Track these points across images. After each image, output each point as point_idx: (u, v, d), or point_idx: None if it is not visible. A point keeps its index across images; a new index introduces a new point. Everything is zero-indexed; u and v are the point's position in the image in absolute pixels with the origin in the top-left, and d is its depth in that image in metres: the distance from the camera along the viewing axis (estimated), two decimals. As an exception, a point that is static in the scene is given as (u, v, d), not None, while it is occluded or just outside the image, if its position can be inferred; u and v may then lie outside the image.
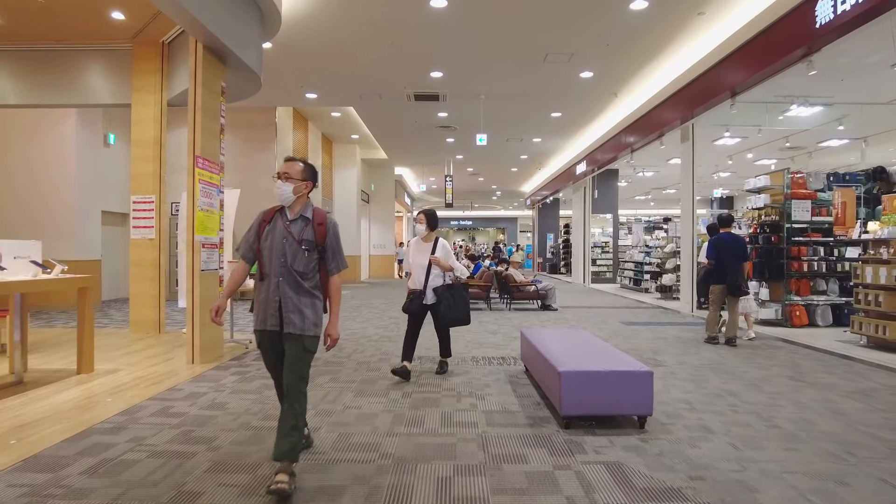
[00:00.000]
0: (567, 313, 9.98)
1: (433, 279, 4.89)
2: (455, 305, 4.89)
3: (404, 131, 14.90)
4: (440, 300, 4.87)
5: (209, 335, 5.74)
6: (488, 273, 10.53)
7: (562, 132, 14.92)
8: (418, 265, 4.94)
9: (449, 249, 5.05)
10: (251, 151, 12.66)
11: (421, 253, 4.95)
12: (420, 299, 4.91)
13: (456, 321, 4.96)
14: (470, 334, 7.40)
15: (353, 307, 10.71)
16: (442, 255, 4.92)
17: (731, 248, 6.75)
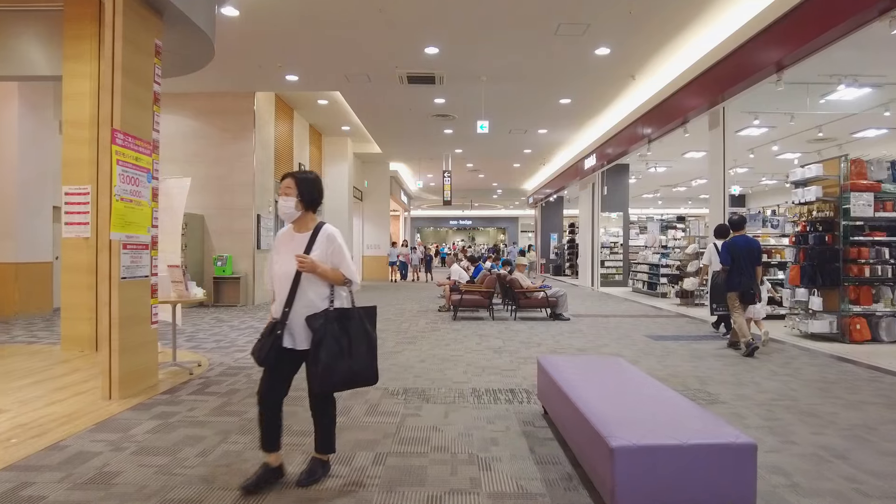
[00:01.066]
0: (581, 324, 8.70)
1: (305, 301, 2.69)
2: (349, 352, 2.65)
3: (398, 121, 13.62)
4: (320, 342, 2.60)
5: (135, 361, 4.47)
6: (490, 277, 9.25)
7: (570, 122, 13.65)
8: (282, 275, 2.74)
9: (341, 245, 2.80)
10: (226, 142, 11.39)
11: (288, 252, 2.75)
12: (277, 339, 2.67)
13: (349, 380, 2.70)
14: (470, 354, 6.12)
15: (336, 316, 9.42)
16: (326, 255, 2.73)
17: (746, 252, 6.33)
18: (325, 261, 2.72)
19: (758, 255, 6.41)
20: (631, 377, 3.48)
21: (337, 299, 2.76)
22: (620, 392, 3.14)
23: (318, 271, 2.67)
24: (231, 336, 7.24)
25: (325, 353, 2.58)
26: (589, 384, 3.27)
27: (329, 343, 2.60)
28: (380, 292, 14.62)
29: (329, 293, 2.73)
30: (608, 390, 3.16)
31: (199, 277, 11.15)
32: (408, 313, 9.90)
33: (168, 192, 6.04)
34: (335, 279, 2.74)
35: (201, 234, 11.29)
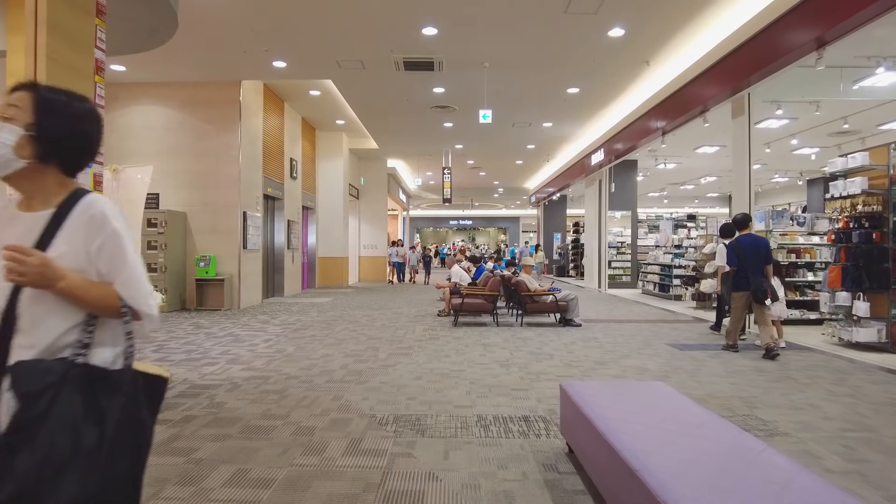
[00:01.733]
0: (594, 330, 7.92)
1: (31, 338, 1.34)
2: (91, 460, 1.27)
3: (395, 113, 12.85)
4: (30, 426, 1.24)
5: None
6: (494, 279, 8.47)
7: (577, 114, 12.87)
8: None
9: (119, 237, 1.40)
10: (210, 134, 10.61)
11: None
12: None
13: None
14: (473, 369, 5.34)
15: (326, 322, 8.65)
16: (83, 254, 1.38)
17: (753, 252, 6.15)
18: (80, 266, 1.37)
19: (766, 254, 6.16)
20: (681, 410, 2.70)
21: (98, 346, 1.39)
22: (673, 432, 2.37)
23: (59, 287, 1.31)
24: (205, 346, 6.46)
25: (37, 453, 1.22)
26: (631, 421, 2.49)
27: (53, 434, 1.24)
28: (376, 294, 13.84)
29: (82, 330, 1.37)
30: (658, 430, 2.38)
31: (181, 279, 10.38)
32: (404, 318, 9.13)
33: (128, 182, 5.26)
34: (100, 304, 1.37)
35: (183, 233, 10.51)
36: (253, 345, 6.53)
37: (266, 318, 8.99)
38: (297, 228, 13.95)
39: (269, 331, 7.64)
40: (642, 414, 2.62)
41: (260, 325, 8.15)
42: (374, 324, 8.42)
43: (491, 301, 8.18)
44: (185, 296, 10.49)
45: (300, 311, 10.14)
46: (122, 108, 10.63)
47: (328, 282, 16.09)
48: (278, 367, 5.30)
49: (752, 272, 6.09)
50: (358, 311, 10.22)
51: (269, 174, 12.14)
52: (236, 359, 5.71)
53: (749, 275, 6.10)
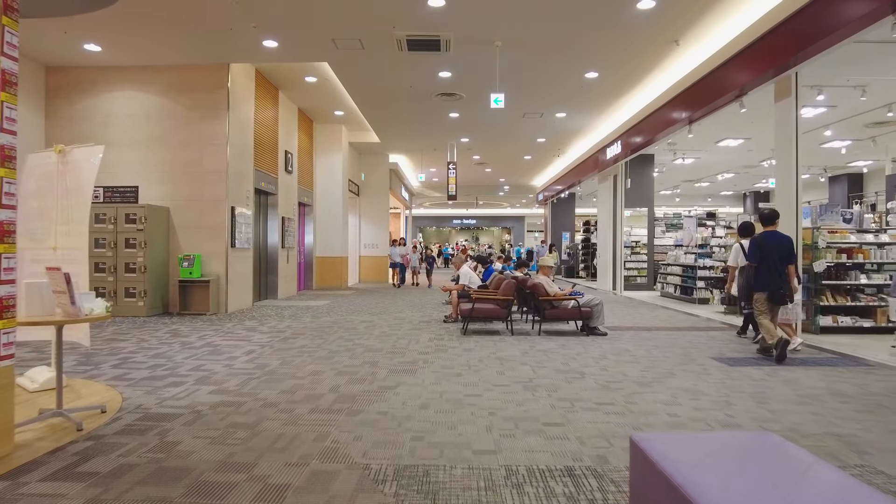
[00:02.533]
0: (623, 340, 7.00)
1: None
2: None
3: (397, 102, 11.93)
4: None
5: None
6: (508, 281, 7.53)
7: (594, 102, 11.93)
8: None
9: None
10: (195, 122, 9.71)
11: None
12: None
13: None
14: (492, 392, 4.41)
15: (320, 329, 7.74)
16: None
17: (776, 250, 5.86)
18: None
19: (789, 253, 5.90)
20: (817, 481, 1.77)
21: None
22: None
23: None
24: (176, 360, 5.54)
25: None
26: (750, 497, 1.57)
27: None
28: (377, 297, 12.92)
29: None
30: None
31: (163, 280, 9.48)
32: (407, 325, 8.21)
33: (76, 166, 4.35)
34: None
35: (165, 230, 9.61)
36: (232, 358, 5.62)
37: (253, 325, 8.08)
38: (292, 226, 13.05)
39: (255, 340, 6.73)
40: (768, 489, 1.70)
41: (245, 333, 7.24)
42: (373, 331, 7.50)
43: (505, 306, 7.25)
44: (167, 298, 9.59)
45: (293, 315, 9.23)
46: (99, 93, 9.74)
47: (326, 283, 15.19)
48: (255, 390, 4.39)
49: (775, 271, 5.81)
50: (356, 315, 9.30)
51: (261, 167, 11.24)
52: (207, 377, 4.79)
53: (771, 274, 5.81)
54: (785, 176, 7.59)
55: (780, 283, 5.80)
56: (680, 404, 4.11)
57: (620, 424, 3.59)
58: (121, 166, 9.65)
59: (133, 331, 7.45)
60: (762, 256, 5.88)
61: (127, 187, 9.60)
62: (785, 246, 5.88)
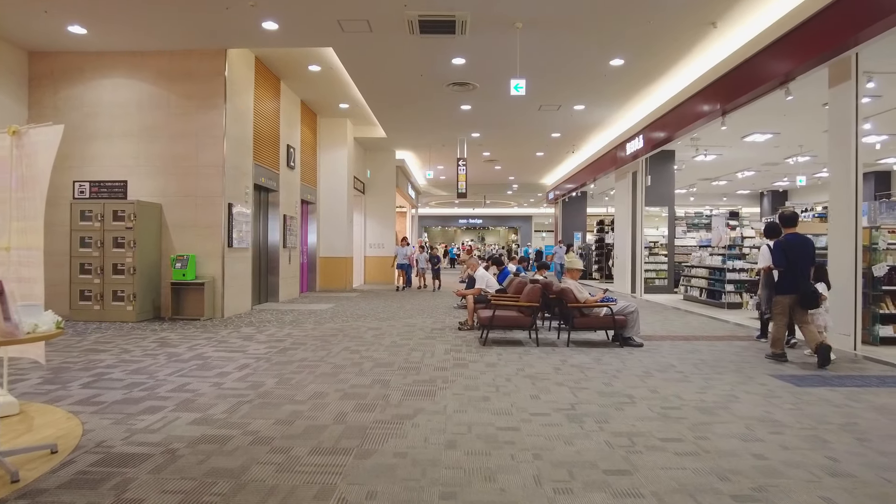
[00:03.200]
0: (662, 352, 6.25)
1: None
2: None
3: (406, 92, 11.20)
4: None
5: None
6: (532, 286, 6.77)
7: (616, 93, 11.16)
8: None
9: None
10: (190, 112, 9.00)
11: None
12: None
13: None
14: (530, 425, 3.67)
15: (323, 338, 7.02)
16: None
17: (802, 252, 5.76)
18: None
19: (813, 255, 5.81)
20: None
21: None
22: None
23: None
24: (159, 376, 4.82)
25: None
26: None
27: None
28: (383, 300, 12.19)
29: None
30: None
31: (154, 283, 8.78)
32: (419, 333, 7.48)
33: (32, 150, 3.64)
34: None
35: (158, 228, 8.90)
36: (222, 375, 4.89)
37: (251, 332, 7.36)
38: (294, 225, 12.34)
39: (250, 351, 6.00)
40: None
41: (240, 343, 6.51)
42: (382, 341, 6.77)
43: (529, 314, 6.50)
44: (158, 302, 8.89)
45: (294, 321, 8.51)
46: (87, 81, 9.05)
47: (330, 284, 14.47)
48: (245, 419, 3.66)
49: (802, 274, 5.66)
50: (362, 322, 8.57)
51: (261, 162, 10.52)
52: (191, 401, 4.07)
53: (798, 277, 5.65)
54: (841, 170, 6.81)
55: (810, 286, 5.67)
56: (761, 440, 3.36)
57: (701, 472, 2.84)
58: (109, 159, 8.96)
59: (117, 339, 6.73)
60: (789, 260, 5.68)
61: (115, 182, 8.89)
62: (810, 247, 5.77)
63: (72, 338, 6.79)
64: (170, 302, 8.75)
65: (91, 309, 8.33)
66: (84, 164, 8.96)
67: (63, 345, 6.29)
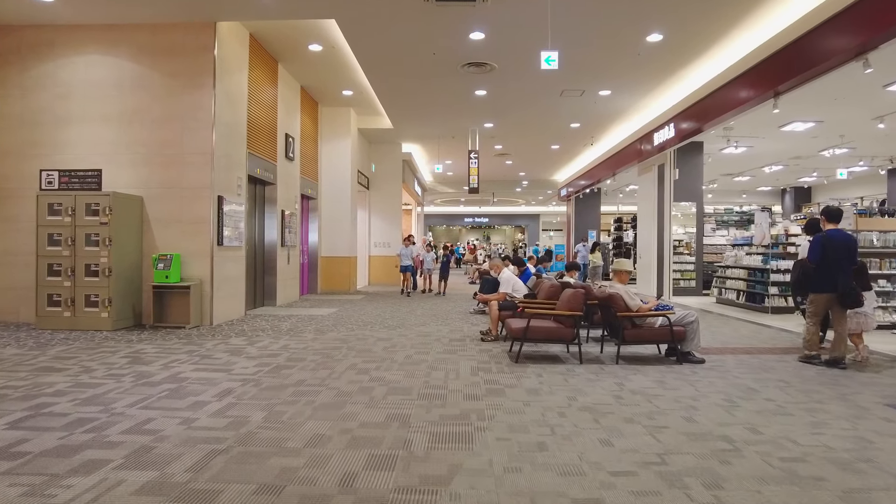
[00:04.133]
0: (731, 370, 5.23)
1: None
2: None
3: (416, 75, 10.15)
4: None
5: None
6: (574, 293, 5.70)
7: (648, 75, 10.10)
8: None
9: None
10: (175, 93, 7.98)
11: None
12: None
13: None
14: (615, 492, 2.63)
15: (324, 351, 5.99)
16: None
17: (843, 249, 5.40)
18: None
19: (854, 254, 5.54)
20: None
21: None
22: None
23: None
24: (116, 407, 3.79)
25: None
26: None
27: None
28: (390, 304, 11.16)
29: None
30: None
31: (134, 286, 7.76)
32: (436, 345, 6.44)
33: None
34: None
35: (138, 224, 7.88)
36: (197, 406, 3.86)
37: (241, 344, 6.33)
38: (293, 221, 11.31)
39: (236, 371, 4.97)
40: None
41: (227, 359, 5.48)
42: (395, 355, 5.73)
43: (571, 325, 5.44)
44: (140, 308, 7.87)
45: (292, 329, 7.48)
46: (59, 58, 8.03)
47: (332, 286, 13.44)
48: (214, 484, 2.62)
49: (843, 273, 5.38)
50: (369, 330, 7.53)
51: (257, 151, 9.49)
52: (148, 449, 3.03)
53: (837, 275, 5.39)
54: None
55: (850, 284, 5.37)
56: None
57: None
58: (82, 146, 7.93)
59: (83, 353, 5.71)
60: (827, 255, 5.43)
61: (88, 171, 7.87)
62: (852, 245, 5.53)
63: (29, 351, 5.77)
64: (151, 307, 7.72)
65: (61, 316, 7.30)
66: (55, 151, 7.94)
67: (15, 361, 5.27)
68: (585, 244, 17.70)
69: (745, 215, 15.59)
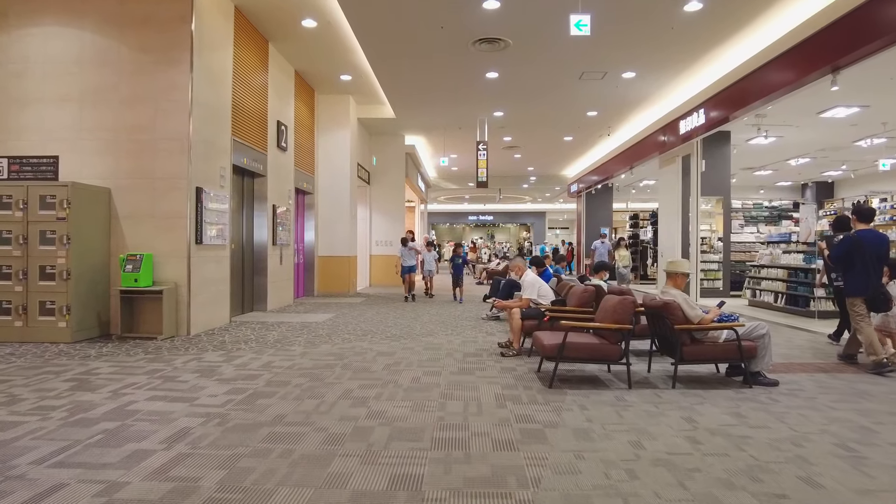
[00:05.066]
0: (818, 398, 4.24)
1: None
2: None
3: (422, 53, 9.12)
4: None
5: None
6: (622, 301, 4.62)
7: (681, 52, 9.05)
8: None
9: None
10: (147, 70, 6.96)
11: None
12: None
13: None
14: None
15: (313, 371, 4.98)
16: None
17: (876, 249, 5.27)
18: None
19: (887, 253, 5.36)
20: None
21: None
22: None
23: None
24: (19, 466, 2.79)
25: None
26: None
27: None
28: (393, 309, 10.14)
29: None
30: None
31: (99, 291, 6.76)
32: (449, 361, 5.42)
33: None
34: None
35: (105, 220, 6.88)
36: (134, 458, 2.85)
37: (217, 360, 5.32)
38: (287, 218, 10.30)
39: (202, 400, 3.96)
40: None
41: (194, 382, 4.47)
42: (399, 377, 4.71)
43: (618, 340, 4.41)
44: (107, 316, 6.86)
45: (280, 340, 6.47)
46: (13, 30, 7.02)
47: (330, 287, 12.42)
48: None
49: (875, 273, 5.25)
50: (369, 341, 6.52)
51: (244, 138, 8.48)
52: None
53: (870, 276, 5.23)
54: None
55: (880, 286, 5.27)
56: None
57: None
58: (39, 131, 6.92)
59: (20, 374, 4.70)
60: (858, 256, 5.26)
61: (42, 158, 6.86)
62: (884, 246, 5.39)
63: (-44, 373, 4.76)
64: (119, 315, 6.71)
65: (11, 326, 6.30)
66: (8, 136, 6.93)
67: (-69, 387, 4.26)
68: (604, 241, 15.98)
69: (775, 210, 14.52)
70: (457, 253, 12.97)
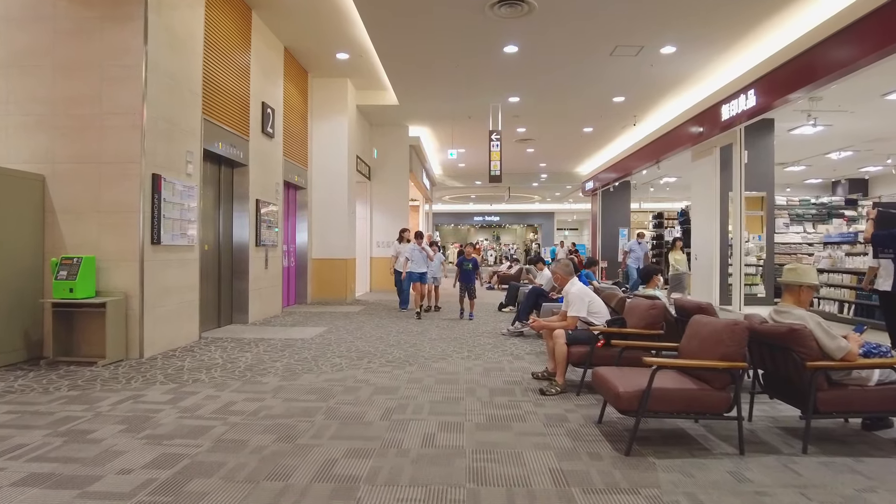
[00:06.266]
0: None
1: None
2: None
3: (431, 21, 7.72)
4: None
5: None
6: (734, 326, 3.20)
7: (732, 24, 7.65)
8: None
9: None
10: (90, 29, 5.61)
11: None
12: None
13: None
14: None
15: (285, 418, 3.62)
16: None
17: None
18: None
19: None
20: None
21: None
22: None
23: None
24: None
25: None
26: None
27: None
28: (395, 322, 8.74)
29: None
30: None
31: (27, 302, 5.40)
32: (471, 403, 4.04)
33: None
34: None
35: (37, 215, 5.52)
36: None
37: (160, 399, 3.94)
38: (273, 215, 8.92)
39: (106, 480, 2.58)
40: None
41: (113, 439, 3.10)
42: (404, 435, 3.32)
43: (724, 386, 3.00)
44: (39, 334, 5.50)
45: (252, 366, 5.09)
46: None
47: (326, 294, 11.04)
48: None
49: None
50: (364, 369, 5.12)
51: (218, 119, 7.12)
52: None
53: None
54: None
55: None
56: None
57: None
58: (-47, 102, 5.57)
59: None
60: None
61: (-49, 135, 5.50)
62: None
63: None
64: (51, 335, 5.35)
65: None
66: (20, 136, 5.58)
67: None
68: (641, 241, 13.63)
69: (823, 207, 13.10)
70: (465, 255, 9.37)
